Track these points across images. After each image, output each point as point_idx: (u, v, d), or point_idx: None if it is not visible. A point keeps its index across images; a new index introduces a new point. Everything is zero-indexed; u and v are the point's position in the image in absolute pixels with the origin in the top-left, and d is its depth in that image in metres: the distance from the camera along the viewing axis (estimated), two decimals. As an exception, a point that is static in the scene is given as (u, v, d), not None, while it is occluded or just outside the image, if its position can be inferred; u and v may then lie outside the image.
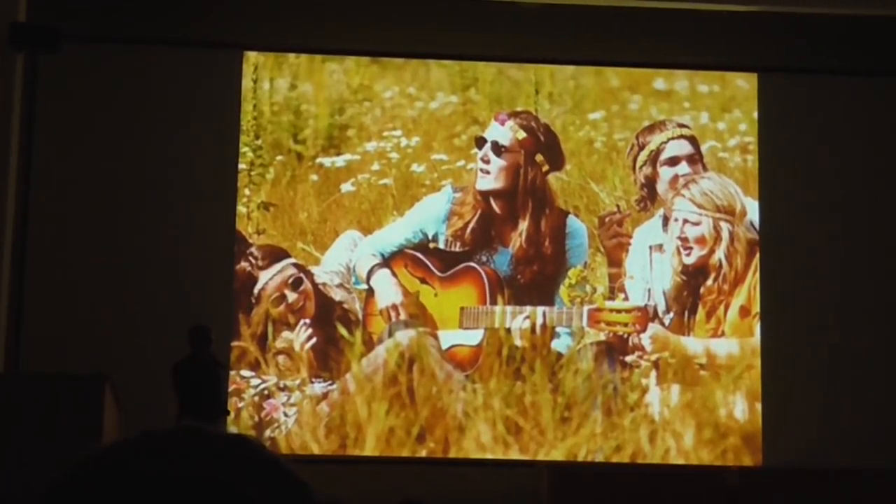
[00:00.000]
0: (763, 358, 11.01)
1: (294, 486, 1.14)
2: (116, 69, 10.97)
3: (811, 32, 11.37)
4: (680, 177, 11.20)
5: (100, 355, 10.03)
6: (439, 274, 10.99)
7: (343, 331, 10.83)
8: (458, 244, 11.05)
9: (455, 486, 10.35)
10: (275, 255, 10.95)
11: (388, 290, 10.92)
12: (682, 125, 11.36)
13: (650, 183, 11.19)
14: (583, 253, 11.07)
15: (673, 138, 11.30)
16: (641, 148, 11.25)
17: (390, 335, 10.83)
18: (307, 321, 10.88)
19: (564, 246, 11.09)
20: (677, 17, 11.26)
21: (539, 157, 11.20)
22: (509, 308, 10.92)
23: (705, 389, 10.92)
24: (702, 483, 10.33)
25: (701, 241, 11.09)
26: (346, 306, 10.90)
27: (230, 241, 10.91)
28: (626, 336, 10.92)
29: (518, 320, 10.87)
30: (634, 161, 11.23)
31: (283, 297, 10.90)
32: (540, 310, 10.91)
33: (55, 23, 10.67)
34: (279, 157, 11.14)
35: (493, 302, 10.94)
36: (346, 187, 11.08)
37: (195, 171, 10.90)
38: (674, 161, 11.25)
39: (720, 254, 11.08)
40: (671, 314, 10.99)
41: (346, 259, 10.97)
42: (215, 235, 10.88)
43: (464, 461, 10.70)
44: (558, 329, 10.93)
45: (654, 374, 10.90)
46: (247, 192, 11.03)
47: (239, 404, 10.62)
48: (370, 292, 10.92)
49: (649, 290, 11.01)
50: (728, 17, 11.29)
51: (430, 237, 11.04)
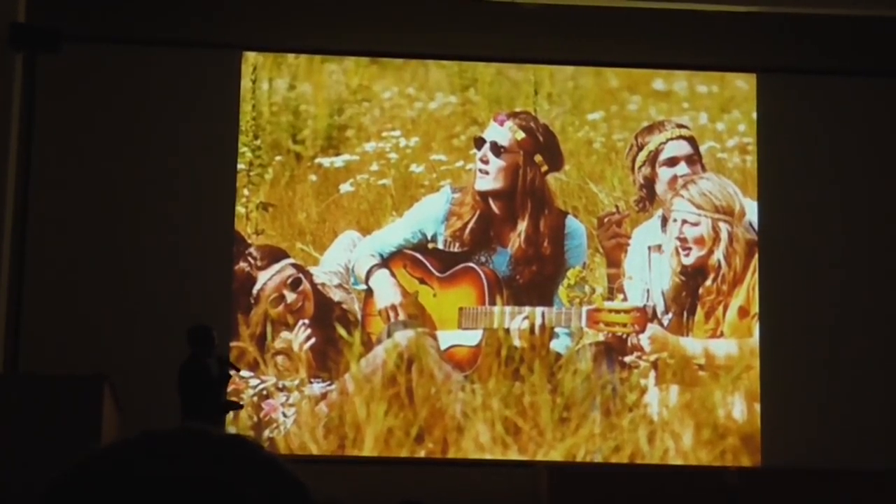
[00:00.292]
0: (762, 358, 11.01)
1: (293, 486, 1.14)
2: (116, 69, 10.96)
3: (810, 33, 11.37)
4: (679, 177, 11.20)
5: (99, 355, 10.02)
6: (438, 274, 10.99)
7: (342, 331, 10.83)
8: (457, 244, 11.05)
9: (454, 486, 10.34)
10: (273, 255, 10.95)
11: (386, 291, 10.92)
12: (680, 126, 11.36)
13: (649, 183, 11.19)
14: (582, 253, 11.07)
15: (672, 139, 11.30)
16: (640, 148, 11.25)
17: (389, 335, 10.83)
18: (306, 321, 10.87)
19: (563, 246, 11.09)
20: (676, 18, 11.26)
21: (538, 158, 11.20)
22: (508, 308, 10.92)
23: (704, 390, 10.92)
24: (700, 483, 10.33)
25: (700, 241, 11.09)
26: (344, 307, 10.90)
27: (229, 241, 10.91)
28: (624, 336, 10.92)
29: (517, 321, 10.87)
30: (633, 161, 11.23)
31: (281, 298, 10.90)
32: (539, 310, 10.91)
33: (55, 23, 10.67)
34: (278, 158, 11.14)
35: (492, 302, 10.94)
36: (345, 188, 11.08)
37: (194, 171, 10.90)
38: (673, 161, 11.25)
39: (719, 254, 11.08)
40: (670, 315, 10.99)
41: (344, 259, 10.96)
42: (214, 236, 10.87)
43: (462, 462, 10.70)
44: (557, 329, 10.92)
45: (652, 374, 10.89)
46: (246, 192, 11.03)
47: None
48: (369, 293, 10.92)
49: (648, 291, 11.00)
50: (727, 18, 11.29)
51: (428, 237, 11.04)
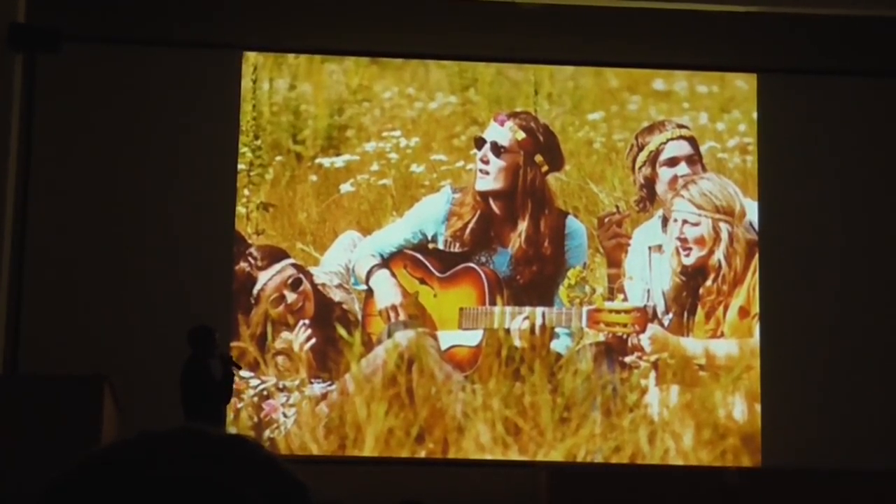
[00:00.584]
0: (762, 359, 11.00)
1: (293, 486, 1.14)
2: (116, 70, 10.96)
3: (811, 33, 11.37)
4: (679, 177, 11.20)
5: (99, 356, 10.02)
6: (438, 274, 10.99)
7: (342, 331, 10.83)
8: (458, 245, 11.05)
9: (454, 486, 10.34)
10: (274, 255, 10.95)
11: (387, 291, 10.91)
12: (681, 126, 11.35)
13: (649, 183, 11.19)
14: (582, 253, 11.07)
15: (672, 139, 11.30)
16: (641, 148, 11.25)
17: (389, 336, 10.83)
18: (306, 322, 10.87)
19: (564, 246, 11.09)
20: (676, 18, 11.25)
21: (538, 158, 11.20)
22: (508, 309, 10.91)
23: (704, 390, 10.92)
24: (701, 484, 10.33)
25: (700, 241, 11.08)
26: (345, 307, 10.90)
27: (229, 241, 10.91)
28: (625, 337, 10.92)
29: (517, 321, 10.87)
30: (634, 162, 11.23)
31: (282, 298, 10.90)
32: (539, 310, 10.91)
33: (54, 23, 10.66)
34: (278, 158, 11.14)
35: (493, 302, 10.94)
36: (346, 188, 11.08)
37: (194, 171, 10.90)
38: (673, 162, 11.25)
39: (719, 254, 11.08)
40: (670, 315, 10.99)
41: (345, 260, 10.96)
42: (214, 236, 10.87)
43: (463, 462, 10.70)
44: (557, 330, 10.92)
45: (653, 374, 10.89)
46: (246, 192, 11.03)
47: (238, 405, 10.61)
48: (369, 293, 10.91)
49: (648, 291, 11.00)
50: (727, 18, 11.28)
51: (429, 238, 11.04)
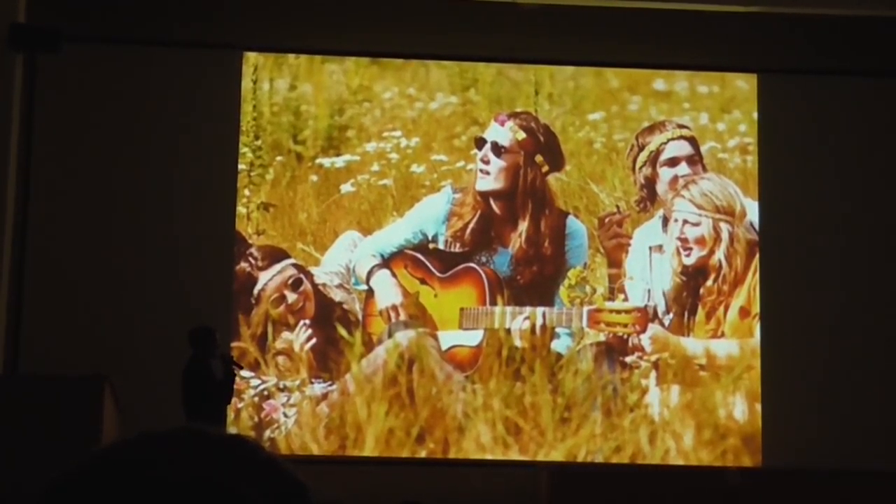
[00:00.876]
0: (763, 359, 11.00)
1: (293, 486, 1.14)
2: (116, 70, 10.96)
3: (811, 33, 11.36)
4: (680, 177, 11.20)
5: (99, 356, 10.02)
6: (439, 275, 10.99)
7: (343, 331, 10.83)
8: (458, 245, 11.04)
9: (455, 486, 10.34)
10: (274, 255, 10.95)
11: (387, 291, 10.91)
12: (681, 126, 11.35)
13: (650, 184, 11.19)
14: (582, 254, 11.07)
15: (672, 139, 11.29)
16: (641, 149, 11.25)
17: (390, 336, 10.83)
18: (307, 322, 10.87)
19: (564, 247, 11.08)
20: (677, 18, 11.25)
21: (539, 158, 11.20)
22: (509, 309, 10.91)
23: (705, 390, 10.92)
24: (701, 484, 10.32)
25: (701, 241, 11.08)
26: (345, 307, 10.89)
27: (230, 241, 10.90)
28: (625, 337, 10.91)
29: (518, 321, 10.87)
30: (634, 162, 11.22)
31: (282, 298, 10.90)
32: (540, 310, 10.90)
33: (55, 23, 10.66)
34: (279, 158, 11.13)
35: (493, 302, 10.93)
36: (346, 188, 11.07)
37: (195, 171, 10.89)
38: (673, 162, 11.24)
39: (720, 254, 11.07)
40: (671, 315, 10.98)
41: (345, 260, 10.96)
42: (215, 236, 10.87)
43: (463, 462, 10.69)
44: (558, 330, 10.92)
45: (653, 374, 10.89)
46: (246, 192, 11.03)
47: (238, 405, 10.61)
48: (370, 293, 10.91)
49: (649, 291, 11.00)
50: (728, 18, 11.28)
51: (429, 238, 11.04)
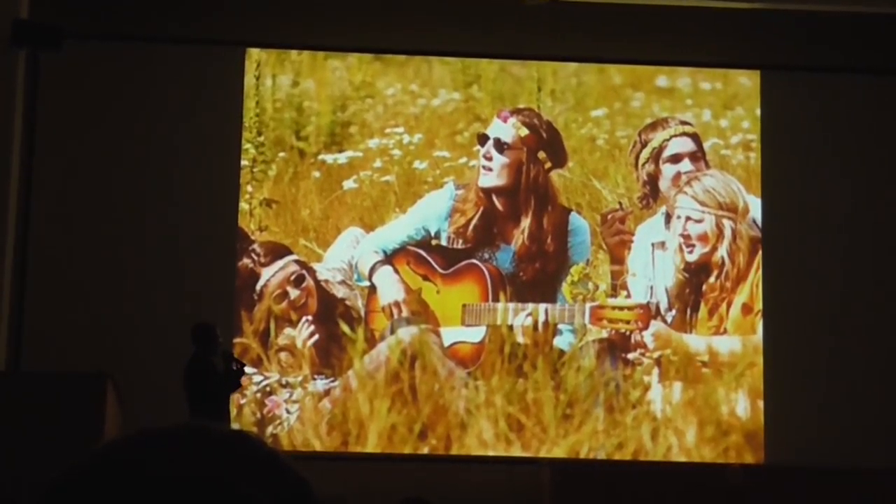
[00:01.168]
0: (765, 355, 11.00)
1: (295, 483, 1.14)
2: (118, 67, 10.96)
3: (814, 30, 11.36)
4: (682, 174, 11.19)
5: (102, 353, 10.03)
6: (441, 271, 10.99)
7: (345, 328, 10.83)
8: (461, 241, 11.04)
9: (457, 483, 10.34)
10: (277, 251, 10.95)
11: (390, 287, 10.91)
12: (684, 122, 11.35)
13: (653, 180, 11.18)
14: (585, 250, 11.06)
15: (675, 135, 11.29)
16: (644, 145, 11.24)
17: (392, 332, 10.83)
18: (309, 318, 10.87)
19: (567, 243, 11.08)
20: (680, 15, 11.25)
21: (541, 155, 11.19)
22: (511, 305, 10.91)
23: (707, 387, 10.92)
24: (703, 481, 10.32)
25: (703, 238, 11.08)
26: (348, 303, 10.90)
27: (232, 237, 10.91)
28: (628, 333, 10.91)
29: (520, 317, 10.87)
30: (637, 158, 11.22)
31: (285, 294, 10.90)
32: (542, 307, 10.90)
33: (57, 20, 10.66)
34: (281, 154, 11.14)
35: (496, 299, 10.93)
36: (349, 184, 11.08)
37: (198, 167, 10.90)
38: (676, 158, 11.24)
39: (722, 251, 11.07)
40: (673, 311, 10.98)
41: (348, 256, 10.96)
42: (218, 232, 10.87)
43: (465, 458, 10.69)
44: (560, 326, 10.92)
45: (656, 371, 10.89)
46: (249, 188, 11.03)
47: (241, 401, 10.62)
48: (372, 289, 10.92)
49: (651, 288, 11.00)
50: (731, 15, 11.28)
51: (432, 234, 11.04)
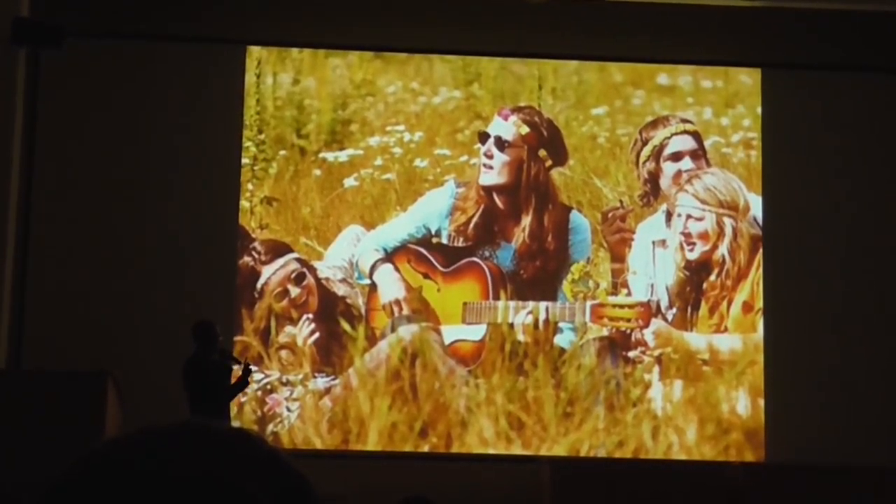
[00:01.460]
0: (766, 354, 11.00)
1: (296, 481, 1.14)
2: (119, 65, 10.96)
3: (815, 28, 11.36)
4: (683, 172, 11.19)
5: (102, 351, 10.03)
6: (442, 269, 10.99)
7: (346, 326, 10.83)
8: (461, 239, 11.04)
9: (457, 481, 10.34)
10: (278, 249, 10.95)
11: (390, 286, 10.91)
12: (685, 120, 11.35)
13: (653, 178, 11.18)
14: (586, 248, 11.06)
15: (676, 134, 11.29)
16: (645, 143, 11.24)
17: (393, 330, 10.83)
18: (310, 316, 10.87)
19: (567, 241, 11.08)
20: (680, 13, 11.24)
21: (542, 153, 11.19)
22: (512, 303, 10.91)
23: (708, 385, 10.92)
24: (704, 479, 10.32)
25: (704, 236, 11.08)
26: (348, 301, 10.90)
27: (233, 235, 10.91)
28: (628, 331, 10.91)
29: (521, 315, 10.87)
30: (637, 156, 11.22)
31: (285, 292, 10.90)
32: (543, 305, 10.90)
33: (57, 18, 10.66)
34: (282, 152, 11.14)
35: (496, 297, 10.93)
36: (349, 182, 11.08)
37: (198, 166, 10.90)
38: (677, 156, 11.24)
39: (723, 249, 11.07)
40: (674, 310, 10.98)
41: (348, 254, 10.96)
42: (218, 230, 10.87)
43: (466, 456, 10.70)
44: (561, 324, 10.92)
45: (656, 369, 10.89)
46: (250, 186, 11.03)
47: (242, 399, 10.61)
48: (373, 287, 10.92)
49: (652, 286, 11.00)
50: (731, 13, 11.27)
51: (433, 232, 11.04)
